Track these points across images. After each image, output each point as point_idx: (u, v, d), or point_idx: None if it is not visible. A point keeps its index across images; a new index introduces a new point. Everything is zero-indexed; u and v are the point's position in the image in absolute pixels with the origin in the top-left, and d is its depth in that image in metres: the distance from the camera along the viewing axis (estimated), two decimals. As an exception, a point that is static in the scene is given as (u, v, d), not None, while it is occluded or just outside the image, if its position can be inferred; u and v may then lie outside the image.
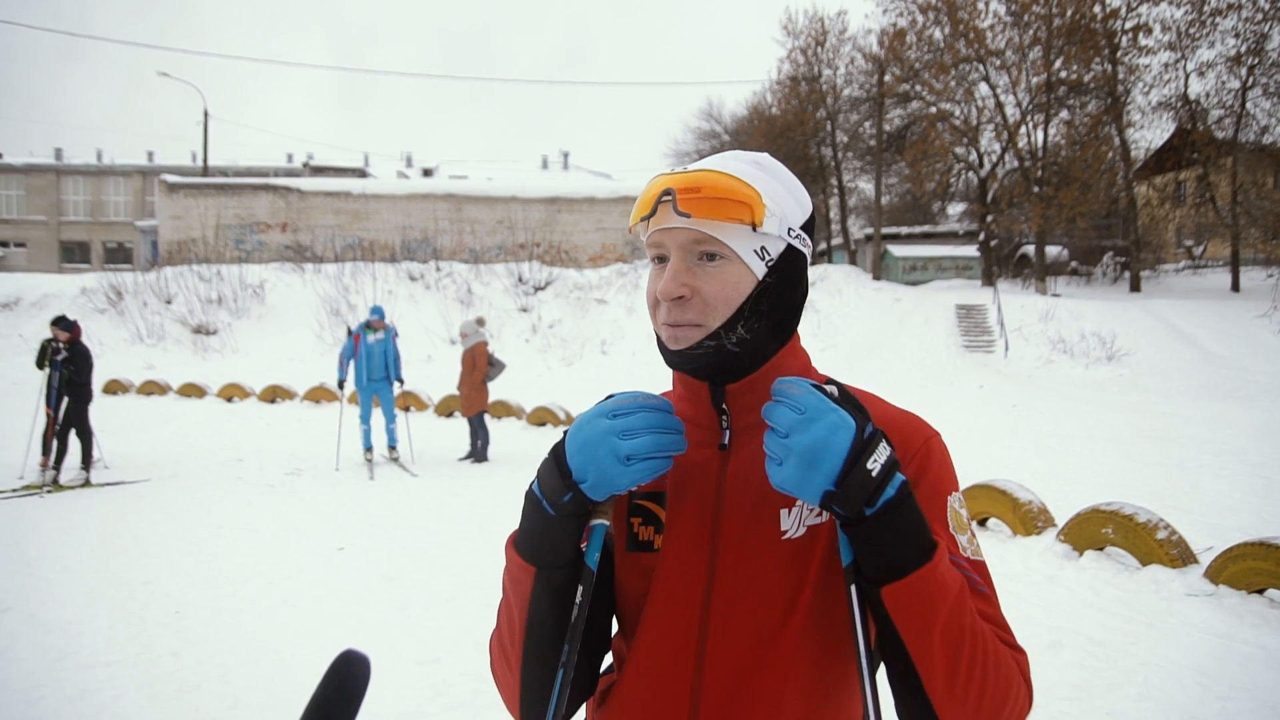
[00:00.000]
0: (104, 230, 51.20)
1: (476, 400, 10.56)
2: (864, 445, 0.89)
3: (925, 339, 23.47)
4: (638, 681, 1.10)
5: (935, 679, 0.90)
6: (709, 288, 1.02)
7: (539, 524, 1.02)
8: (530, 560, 1.03)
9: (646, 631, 1.09)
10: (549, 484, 1.01)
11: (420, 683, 4.09)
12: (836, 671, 1.05)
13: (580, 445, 0.99)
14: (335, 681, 0.82)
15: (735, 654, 1.04)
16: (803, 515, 1.04)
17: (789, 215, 1.06)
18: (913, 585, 0.88)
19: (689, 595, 1.07)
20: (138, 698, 3.96)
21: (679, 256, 1.04)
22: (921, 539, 0.90)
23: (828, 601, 1.03)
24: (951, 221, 41.14)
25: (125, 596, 5.43)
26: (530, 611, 1.03)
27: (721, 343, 1.03)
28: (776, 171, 1.08)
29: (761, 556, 1.04)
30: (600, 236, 30.25)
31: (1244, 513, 7.40)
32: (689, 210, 1.00)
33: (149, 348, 23.72)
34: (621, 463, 0.97)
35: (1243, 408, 15.07)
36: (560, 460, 1.01)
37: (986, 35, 29.76)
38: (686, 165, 1.07)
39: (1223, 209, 28.97)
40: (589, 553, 1.03)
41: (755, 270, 1.04)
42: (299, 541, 6.83)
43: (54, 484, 8.87)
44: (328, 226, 29.40)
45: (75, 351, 9.19)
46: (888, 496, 0.88)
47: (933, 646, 0.90)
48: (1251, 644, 4.50)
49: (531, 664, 1.05)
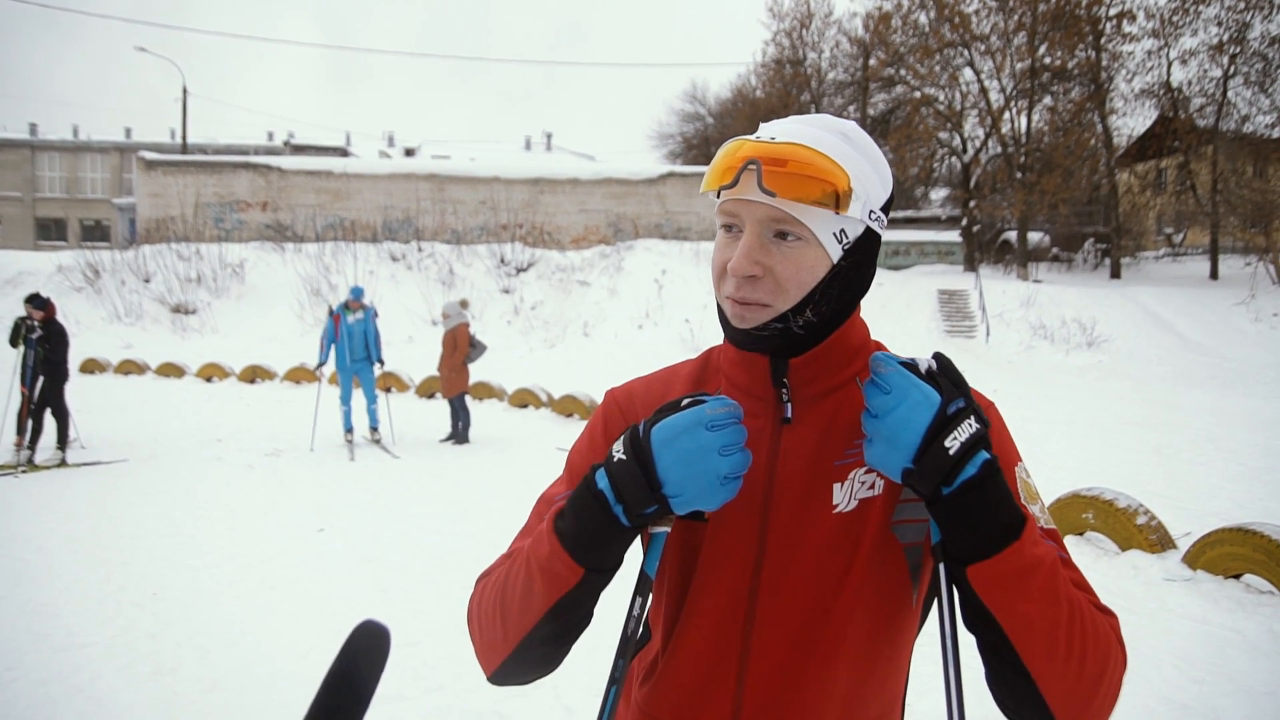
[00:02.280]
0: (81, 207, 50.52)
1: (458, 381, 10.51)
2: (945, 422, 0.87)
3: (907, 323, 23.58)
4: (684, 655, 1.08)
5: (1033, 653, 0.88)
6: (783, 269, 0.98)
7: (605, 529, 0.94)
8: (581, 561, 0.95)
9: (695, 603, 1.07)
10: (631, 492, 0.92)
11: (400, 666, 4.06)
12: (885, 646, 1.05)
13: (679, 457, 0.91)
14: (354, 653, 0.78)
15: (785, 629, 1.02)
16: (854, 489, 1.02)
17: (872, 195, 1.01)
18: (1001, 563, 0.87)
19: (739, 568, 1.04)
20: (114, 680, 3.92)
21: (754, 232, 0.99)
22: (1009, 517, 0.88)
23: (878, 576, 1.02)
24: (934, 206, 41.27)
25: (102, 578, 5.37)
26: (558, 605, 0.98)
27: (789, 325, 1.00)
28: (864, 146, 1.02)
29: (812, 530, 1.02)
30: (583, 218, 30.11)
31: (1221, 498, 7.48)
32: (774, 188, 0.94)
33: (127, 327, 23.48)
34: (720, 482, 0.92)
35: (1220, 394, 15.24)
36: (648, 467, 0.92)
37: (971, 20, 29.78)
38: (764, 128, 1.02)
39: (1203, 197, 29.21)
40: (648, 561, 1.00)
41: (831, 254, 1.00)
42: (278, 523, 6.78)
43: (29, 464, 8.76)
44: (308, 206, 29.10)
45: (50, 330, 9.05)
46: (966, 475, 0.86)
47: (1029, 621, 0.87)
48: (1228, 628, 4.54)
49: (534, 645, 1.01)
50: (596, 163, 39.69)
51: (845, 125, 1.02)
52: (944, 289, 25.96)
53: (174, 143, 47.76)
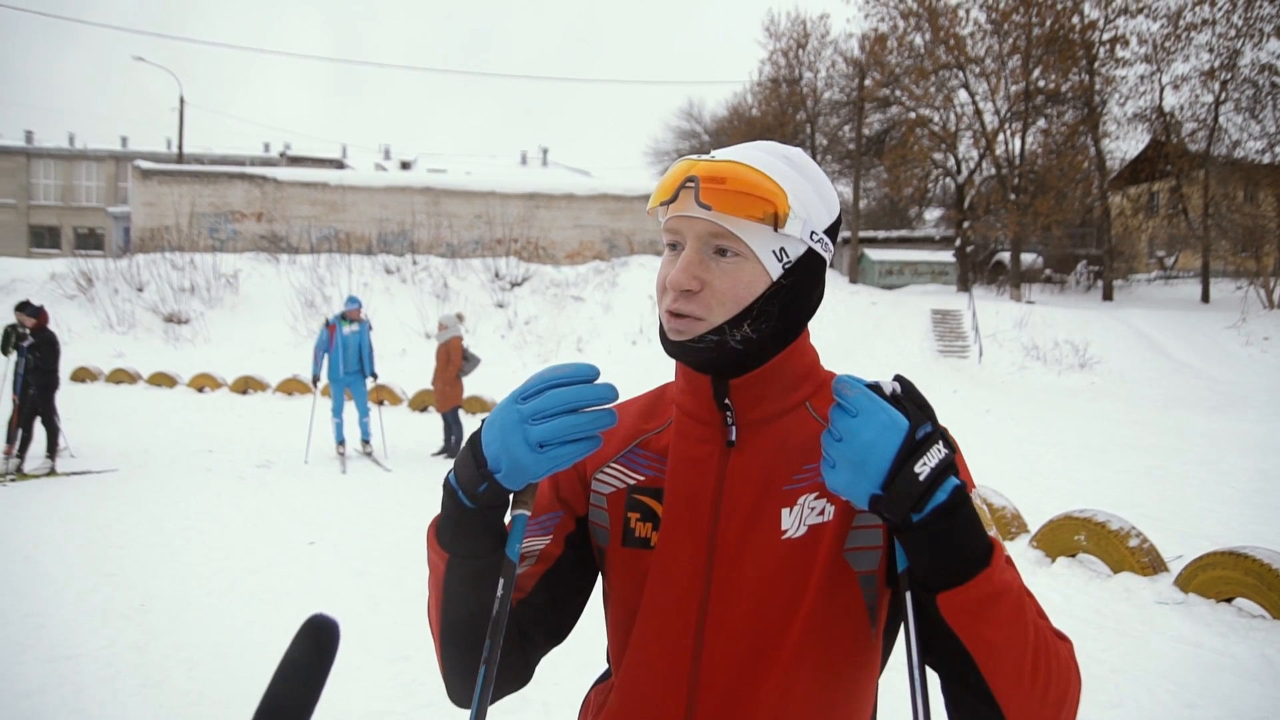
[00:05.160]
0: (75, 215, 50.38)
1: (451, 395, 10.48)
2: (914, 447, 0.85)
3: (900, 343, 23.60)
4: (630, 689, 1.07)
5: (1001, 680, 0.86)
6: (720, 283, 0.99)
7: (455, 513, 0.98)
8: (445, 548, 0.99)
9: (641, 634, 1.06)
10: (464, 473, 0.96)
11: (390, 680, 4.03)
12: (843, 678, 1.02)
13: (496, 433, 0.94)
14: (303, 647, 0.78)
15: (733, 659, 1.00)
16: (804, 515, 1.01)
17: (814, 217, 1.02)
18: (971, 591, 0.85)
19: (684, 597, 1.03)
20: (99, 693, 3.88)
21: (694, 247, 1.01)
22: (979, 544, 0.86)
23: (832, 606, 0.99)
24: (928, 227, 41.41)
25: (89, 589, 5.32)
26: (444, 599, 1.01)
27: (725, 339, 1.00)
28: (807, 169, 1.04)
29: (760, 557, 1.01)
30: (578, 234, 30.14)
31: (1212, 521, 7.49)
32: (710, 202, 0.97)
33: (119, 335, 23.37)
34: (534, 450, 0.92)
35: (1211, 417, 15.28)
36: (476, 448, 0.96)
37: (967, 42, 30.02)
38: (713, 152, 1.04)
39: (1194, 221, 29.42)
40: (510, 544, 0.99)
41: (770, 271, 1.00)
42: (269, 535, 6.74)
43: (18, 472, 8.70)
44: (304, 217, 29.08)
45: (41, 338, 9.00)
46: (938, 501, 0.84)
47: (997, 649, 0.86)
48: (1220, 652, 4.54)
49: (450, 647, 1.03)
50: (592, 178, 39.78)
51: (790, 150, 1.05)
52: (937, 309, 26.01)
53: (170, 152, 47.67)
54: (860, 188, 35.57)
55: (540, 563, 1.11)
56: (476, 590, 0.99)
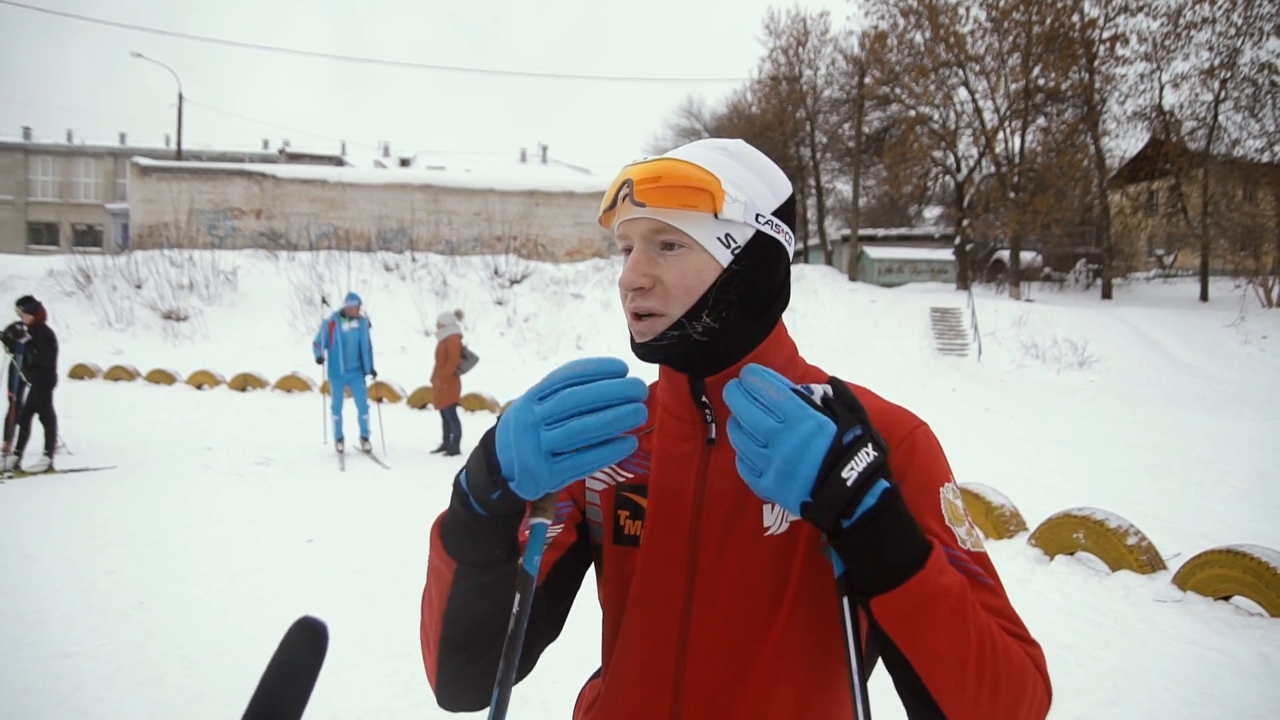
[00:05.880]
0: (73, 212, 50.36)
1: (449, 393, 10.48)
2: (842, 452, 0.83)
3: (899, 341, 23.60)
4: (619, 684, 1.07)
5: (941, 686, 0.85)
6: (669, 276, 1.00)
7: (466, 522, 0.91)
8: (453, 555, 0.93)
9: (628, 630, 1.06)
10: (476, 479, 0.90)
11: (389, 678, 4.03)
12: (826, 672, 1.02)
13: (510, 437, 0.88)
14: (292, 649, 0.78)
15: (718, 654, 1.01)
16: (786, 511, 1.00)
17: (758, 201, 1.03)
18: (903, 596, 0.83)
19: (669, 594, 1.04)
20: (97, 690, 3.88)
21: (640, 247, 1.02)
22: (910, 547, 0.85)
23: (814, 601, 1.00)
24: (928, 225, 41.46)
25: (87, 586, 5.32)
26: (447, 609, 0.96)
27: (686, 332, 1.00)
28: (745, 157, 1.05)
29: (743, 553, 1.01)
30: (577, 231, 30.16)
31: (1211, 520, 7.49)
32: (645, 199, 0.98)
33: (117, 333, 23.36)
34: (547, 459, 0.86)
35: (1210, 415, 15.29)
36: (490, 452, 0.90)
37: (966, 40, 29.96)
38: (649, 156, 1.04)
39: (1194, 219, 29.39)
40: (528, 556, 0.95)
41: (719, 258, 1.00)
42: (267, 532, 6.74)
43: (15, 469, 8.70)
44: (303, 214, 29.08)
45: (39, 334, 8.99)
46: (866, 507, 0.83)
47: (935, 654, 0.84)
48: (1218, 650, 4.54)
49: (448, 658, 0.99)
50: (592, 176, 39.80)
51: (728, 142, 1.06)
52: (936, 307, 26.01)
53: (169, 149, 47.62)
54: (860, 186, 35.58)
55: (553, 550, 1.10)
56: (484, 602, 0.95)
